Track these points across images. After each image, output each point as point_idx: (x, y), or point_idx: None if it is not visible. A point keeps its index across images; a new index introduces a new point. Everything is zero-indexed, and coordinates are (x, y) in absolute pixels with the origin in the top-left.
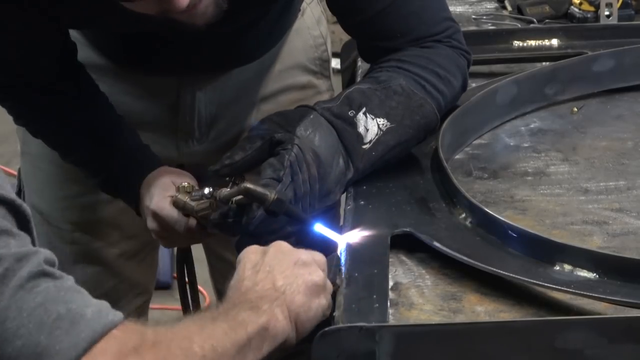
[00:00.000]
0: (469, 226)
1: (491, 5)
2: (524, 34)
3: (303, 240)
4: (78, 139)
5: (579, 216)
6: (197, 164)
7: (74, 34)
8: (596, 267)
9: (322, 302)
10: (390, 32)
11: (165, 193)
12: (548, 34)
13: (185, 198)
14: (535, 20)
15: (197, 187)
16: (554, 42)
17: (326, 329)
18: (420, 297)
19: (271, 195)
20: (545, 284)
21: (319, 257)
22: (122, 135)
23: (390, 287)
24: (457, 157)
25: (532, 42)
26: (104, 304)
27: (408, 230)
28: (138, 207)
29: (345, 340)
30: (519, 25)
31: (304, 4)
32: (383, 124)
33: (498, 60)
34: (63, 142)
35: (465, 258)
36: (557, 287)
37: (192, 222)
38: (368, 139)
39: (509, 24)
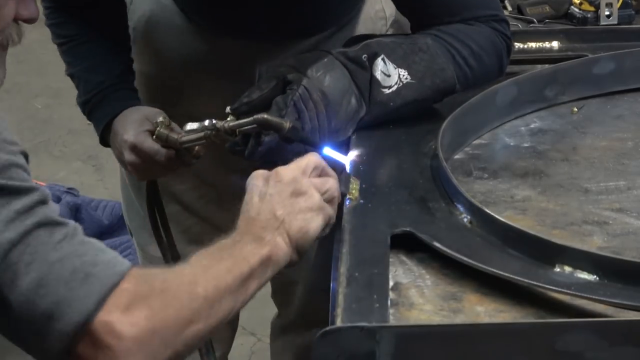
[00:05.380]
0: (468, 226)
1: None
2: (524, 36)
3: None
4: (87, 56)
5: (579, 216)
6: None
7: None
8: (596, 269)
9: (318, 222)
10: (440, 14)
11: (141, 128)
12: (548, 36)
13: (167, 131)
14: (535, 20)
15: (172, 121)
16: (555, 44)
17: (327, 328)
18: (420, 297)
19: (287, 123)
20: (546, 286)
21: (316, 166)
22: (121, 71)
23: (390, 287)
24: (457, 157)
25: (533, 44)
26: (112, 254)
27: (408, 230)
28: (104, 137)
29: (346, 340)
30: (520, 26)
31: None
32: (404, 75)
33: None
34: (74, 53)
35: (465, 258)
36: (557, 288)
37: (171, 152)
38: (388, 83)
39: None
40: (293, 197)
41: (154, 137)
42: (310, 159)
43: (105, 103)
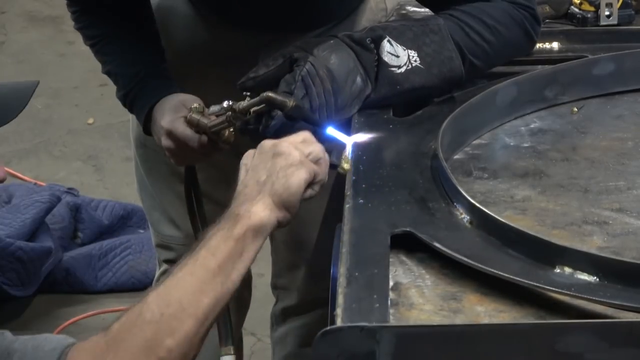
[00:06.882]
0: (468, 226)
1: None
2: None
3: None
4: (119, 52)
5: (579, 216)
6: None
7: None
8: (597, 270)
9: (300, 175)
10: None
11: (177, 114)
12: (549, 36)
13: (199, 117)
14: None
15: (206, 108)
16: (555, 45)
17: (327, 328)
18: (420, 297)
19: (290, 102)
20: (546, 287)
21: (301, 137)
22: (154, 61)
23: (390, 287)
24: (457, 157)
25: None
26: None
27: (408, 230)
28: (147, 126)
29: (346, 340)
30: None
31: None
32: (413, 57)
33: None
34: (106, 51)
35: (465, 259)
36: (557, 289)
37: (204, 138)
38: (397, 63)
39: None
40: (274, 159)
41: (186, 122)
42: (299, 134)
43: (144, 93)
